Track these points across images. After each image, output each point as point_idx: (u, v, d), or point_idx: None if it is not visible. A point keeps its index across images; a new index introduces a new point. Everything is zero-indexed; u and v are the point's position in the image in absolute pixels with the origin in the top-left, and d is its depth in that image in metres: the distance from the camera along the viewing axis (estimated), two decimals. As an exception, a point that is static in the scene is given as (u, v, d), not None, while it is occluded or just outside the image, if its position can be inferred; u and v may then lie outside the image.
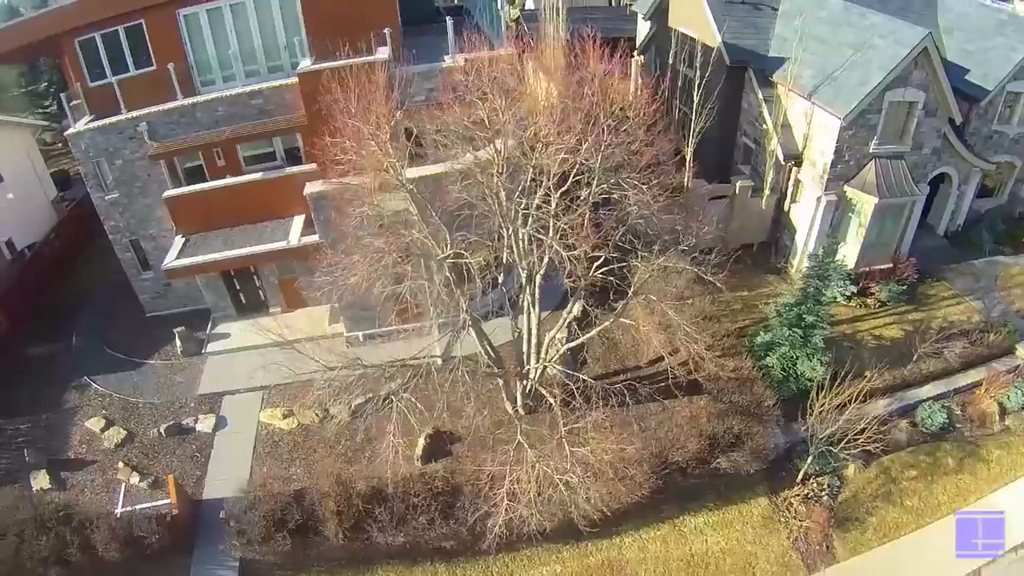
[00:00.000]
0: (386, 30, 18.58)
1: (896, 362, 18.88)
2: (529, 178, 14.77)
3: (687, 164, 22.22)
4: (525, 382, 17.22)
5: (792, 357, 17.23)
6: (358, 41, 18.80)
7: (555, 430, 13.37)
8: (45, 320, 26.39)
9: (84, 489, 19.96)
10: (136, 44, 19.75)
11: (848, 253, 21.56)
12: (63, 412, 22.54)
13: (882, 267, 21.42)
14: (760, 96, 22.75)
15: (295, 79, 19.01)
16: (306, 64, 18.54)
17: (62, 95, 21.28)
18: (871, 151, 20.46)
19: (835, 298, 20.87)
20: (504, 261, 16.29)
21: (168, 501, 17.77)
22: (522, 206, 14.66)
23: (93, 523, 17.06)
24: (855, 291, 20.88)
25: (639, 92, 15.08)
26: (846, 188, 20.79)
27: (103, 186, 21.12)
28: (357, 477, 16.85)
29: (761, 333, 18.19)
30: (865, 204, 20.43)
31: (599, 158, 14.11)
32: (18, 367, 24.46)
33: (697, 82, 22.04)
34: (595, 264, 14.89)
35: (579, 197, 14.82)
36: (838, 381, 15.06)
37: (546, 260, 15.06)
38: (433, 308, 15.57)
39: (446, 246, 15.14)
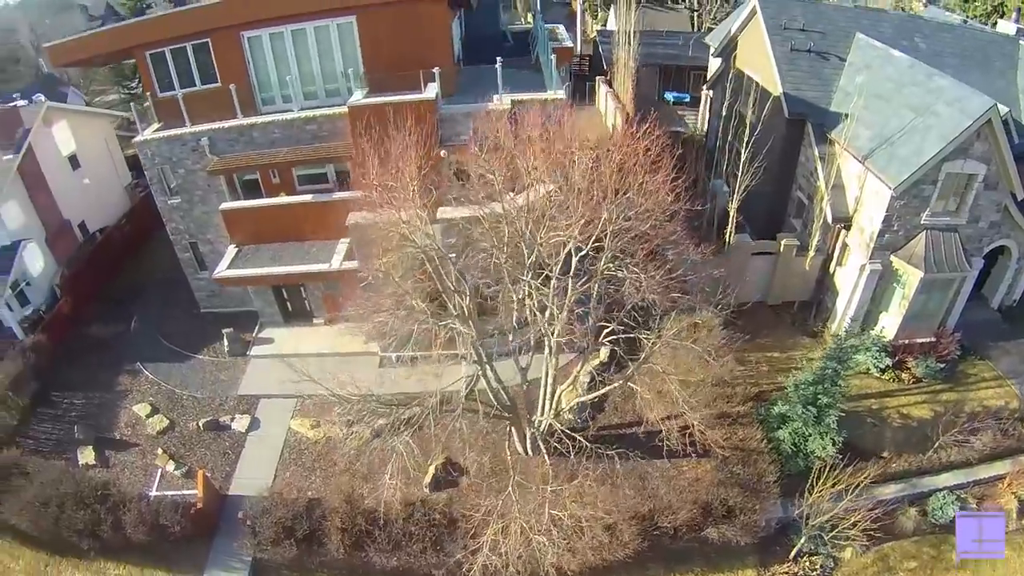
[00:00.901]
0: (436, 69, 19.78)
1: (918, 445, 18.95)
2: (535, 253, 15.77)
3: (731, 218, 22.64)
4: (532, 429, 18.32)
5: (804, 433, 17.63)
6: (411, 75, 20.29)
7: (545, 485, 14.43)
8: (108, 302, 29.36)
9: (125, 469, 22.52)
10: (203, 61, 21.92)
11: (889, 323, 21.56)
12: (115, 394, 25.30)
13: (924, 340, 21.30)
14: (815, 152, 22.88)
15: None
16: (356, 97, 20.13)
17: (132, 104, 23.68)
18: (922, 222, 20.36)
19: (868, 369, 20.98)
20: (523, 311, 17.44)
21: (196, 492, 19.80)
22: (528, 277, 15.70)
23: (126, 504, 19.38)
24: (890, 364, 20.87)
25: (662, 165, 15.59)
26: (893, 258, 20.79)
27: (166, 191, 23.48)
28: (367, 496, 18.32)
29: (778, 403, 18.61)
30: (910, 276, 20.40)
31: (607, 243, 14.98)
32: (80, 345, 27.45)
33: (747, 135, 22.44)
34: (604, 333, 15.84)
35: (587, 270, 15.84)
36: (848, 460, 15.37)
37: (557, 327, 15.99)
38: (461, 344, 16.83)
39: (465, 291, 16.36)
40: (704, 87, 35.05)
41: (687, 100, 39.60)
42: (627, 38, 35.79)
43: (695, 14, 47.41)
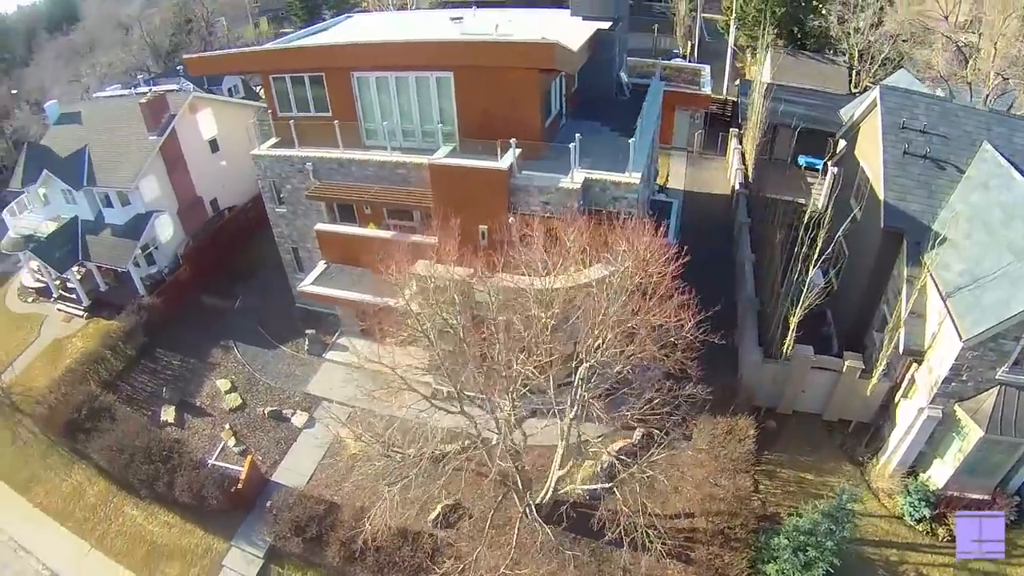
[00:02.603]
0: (513, 140, 21.40)
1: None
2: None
3: (791, 328, 22.48)
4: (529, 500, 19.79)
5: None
6: (501, 136, 22.06)
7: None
8: (222, 278, 34.01)
9: (195, 434, 27.00)
10: (317, 92, 25.19)
11: (940, 472, 20.65)
12: (206, 364, 29.87)
13: (977, 497, 20.22)
14: (904, 272, 22.10)
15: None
16: (439, 153, 22.33)
17: (252, 122, 27.30)
18: (997, 377, 19.33)
19: (902, 515, 20.31)
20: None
21: (246, 465, 23.46)
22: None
23: (182, 469, 23.45)
24: (928, 515, 20.05)
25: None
26: (957, 408, 19.87)
27: (275, 200, 27.10)
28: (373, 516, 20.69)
29: (779, 535, 18.69)
30: (971, 432, 19.48)
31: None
32: (190, 312, 32.29)
33: (818, 248, 22.14)
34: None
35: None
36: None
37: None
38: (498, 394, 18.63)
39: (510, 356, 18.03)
40: (831, 162, 33.97)
41: (819, 168, 38.26)
42: (762, 91, 35.48)
43: (854, 71, 45.13)
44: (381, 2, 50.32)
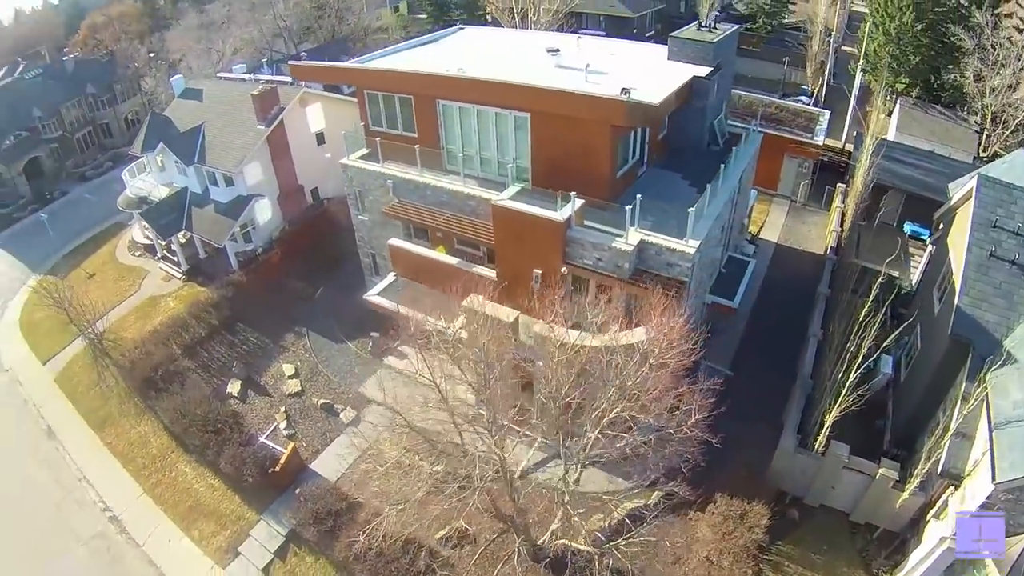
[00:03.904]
0: (573, 193, 22.34)
1: None
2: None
3: (826, 424, 22.31)
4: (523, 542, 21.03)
5: None
6: (568, 181, 23.20)
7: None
8: (310, 265, 36.83)
9: (254, 411, 29.97)
10: (406, 112, 27.24)
11: (957, 607, 20.12)
12: (277, 346, 32.96)
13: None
14: (963, 386, 21.43)
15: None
16: (505, 194, 23.63)
17: (344, 133, 29.52)
18: (1032, 522, 18.62)
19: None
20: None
21: (286, 451, 26.16)
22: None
23: (231, 442, 26.40)
24: (935, 651, 19.65)
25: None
26: (983, 544, 19.31)
27: (359, 207, 29.37)
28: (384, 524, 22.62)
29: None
30: (990, 573, 18.89)
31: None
32: (274, 293, 35.37)
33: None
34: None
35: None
36: None
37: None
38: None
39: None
40: (930, 239, 32.55)
41: (925, 238, 36.48)
42: (873, 147, 34.17)
43: (984, 135, 42.26)
44: (501, 10, 51.69)
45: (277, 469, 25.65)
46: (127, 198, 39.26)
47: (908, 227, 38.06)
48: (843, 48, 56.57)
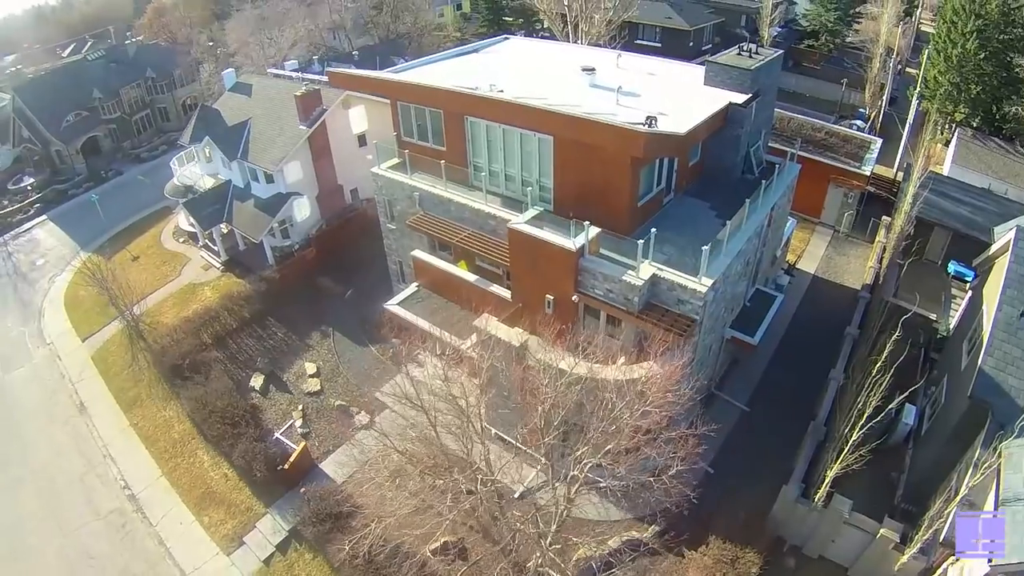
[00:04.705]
0: (587, 223, 22.42)
1: None
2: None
3: (827, 478, 21.92)
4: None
5: None
6: (589, 205, 23.52)
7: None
8: (343, 264, 37.76)
9: (273, 406, 31.02)
10: (435, 124, 27.72)
11: None
12: (303, 343, 34.02)
13: None
14: (977, 452, 20.81)
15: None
16: (523, 217, 23.76)
17: (375, 143, 30.16)
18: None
19: None
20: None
21: (297, 450, 27.08)
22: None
23: (246, 437, 27.54)
24: None
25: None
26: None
27: (388, 216, 30.02)
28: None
29: None
30: (987, 648, 18.39)
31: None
32: (308, 290, 36.23)
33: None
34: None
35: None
36: None
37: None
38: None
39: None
40: (969, 284, 31.42)
41: (970, 280, 35.11)
42: (920, 180, 33.14)
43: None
44: (553, 18, 51.68)
45: (286, 467, 26.55)
46: (174, 186, 40.88)
47: (952, 267, 36.68)
48: (907, 70, 54.70)
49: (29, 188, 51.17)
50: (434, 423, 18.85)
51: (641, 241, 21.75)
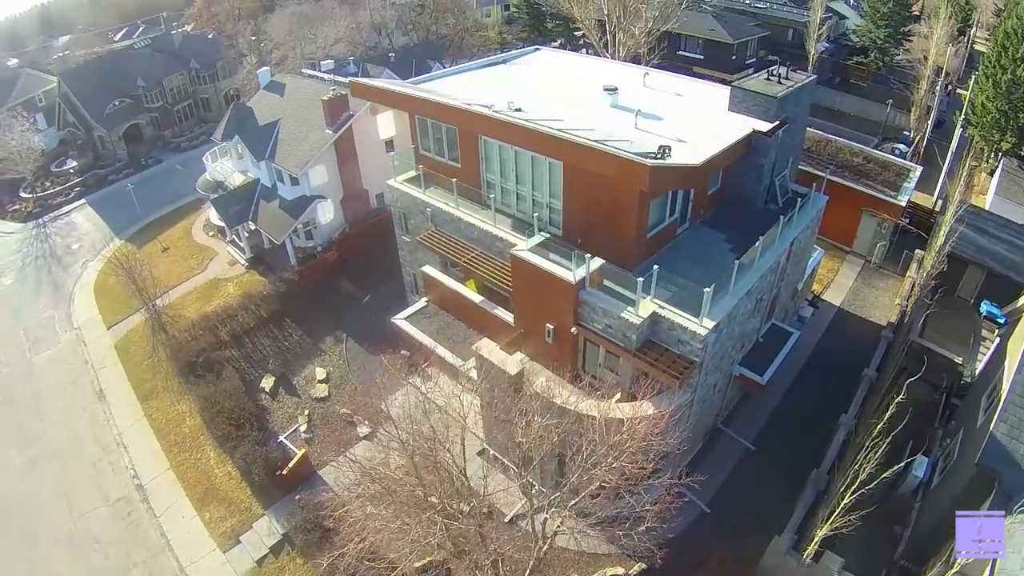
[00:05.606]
0: (589, 255, 22.09)
1: None
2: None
3: (816, 536, 21.25)
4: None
5: None
6: (596, 233, 23.33)
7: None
8: (364, 269, 38.03)
9: (281, 408, 31.49)
10: (451, 140, 27.71)
11: None
12: (315, 348, 34.31)
13: None
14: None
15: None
16: (526, 244, 23.58)
17: (392, 154, 30.15)
18: None
19: None
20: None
21: (296, 457, 27.49)
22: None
23: (249, 439, 28.04)
24: None
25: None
26: None
27: (402, 228, 30.12)
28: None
29: None
30: None
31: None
32: (326, 293, 36.60)
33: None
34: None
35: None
36: None
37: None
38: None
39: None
40: (999, 331, 30.18)
41: (1001, 324, 33.68)
42: (953, 216, 31.91)
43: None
44: (591, 26, 50.98)
45: (285, 472, 26.95)
46: (205, 181, 41.70)
47: (984, 307, 35.21)
48: (959, 91, 52.61)
49: (71, 171, 52.88)
50: (413, 455, 18.78)
51: (641, 279, 21.21)
